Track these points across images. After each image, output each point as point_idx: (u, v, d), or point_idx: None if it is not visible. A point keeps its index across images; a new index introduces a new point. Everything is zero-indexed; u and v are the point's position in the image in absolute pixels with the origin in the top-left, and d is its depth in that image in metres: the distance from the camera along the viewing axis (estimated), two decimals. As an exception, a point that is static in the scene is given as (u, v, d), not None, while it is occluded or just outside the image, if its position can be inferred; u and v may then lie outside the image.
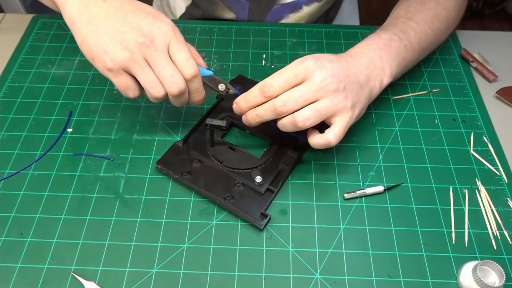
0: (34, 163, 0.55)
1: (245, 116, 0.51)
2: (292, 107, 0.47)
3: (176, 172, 0.53)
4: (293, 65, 0.48)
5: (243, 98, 0.50)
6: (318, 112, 0.47)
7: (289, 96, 0.47)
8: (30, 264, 0.47)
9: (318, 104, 0.47)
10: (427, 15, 0.59)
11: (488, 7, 1.87)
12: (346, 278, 0.46)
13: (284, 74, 0.47)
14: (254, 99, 0.49)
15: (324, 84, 0.46)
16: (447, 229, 0.50)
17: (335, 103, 0.47)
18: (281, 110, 0.47)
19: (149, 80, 0.47)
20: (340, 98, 0.47)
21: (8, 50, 0.68)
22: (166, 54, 0.47)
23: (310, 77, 0.47)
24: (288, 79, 0.47)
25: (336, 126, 0.48)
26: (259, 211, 0.50)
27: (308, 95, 0.46)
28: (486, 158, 0.56)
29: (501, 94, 0.63)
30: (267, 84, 0.48)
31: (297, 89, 0.47)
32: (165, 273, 0.47)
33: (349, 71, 0.49)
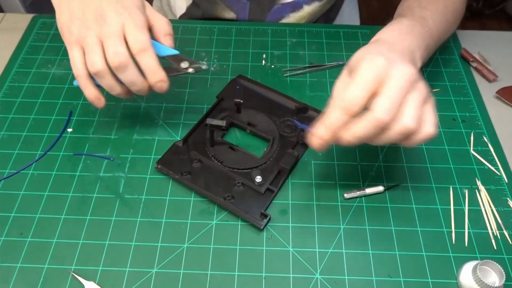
0: (34, 163, 0.55)
1: (317, 142, 0.44)
2: (395, 112, 0.40)
3: (176, 172, 0.53)
4: (365, 69, 0.41)
5: (323, 127, 0.43)
6: (419, 107, 0.41)
7: (388, 101, 0.40)
8: (30, 264, 0.47)
9: (413, 98, 0.41)
10: (437, 7, 0.58)
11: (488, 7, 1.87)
12: (346, 278, 0.46)
13: (362, 82, 0.41)
14: (338, 122, 0.42)
15: (409, 76, 0.41)
16: (447, 229, 0.50)
17: (424, 93, 0.42)
18: (387, 120, 0.40)
19: (92, 57, 0.46)
20: (423, 86, 0.42)
21: (8, 50, 0.68)
22: (115, 30, 0.46)
23: (390, 75, 0.41)
24: (369, 86, 0.40)
25: (429, 113, 0.42)
26: (259, 211, 0.50)
27: (402, 93, 0.40)
28: (486, 158, 0.56)
29: (501, 94, 0.63)
30: (349, 99, 0.41)
31: (389, 91, 0.40)
32: (165, 273, 0.47)
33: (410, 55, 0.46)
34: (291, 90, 0.63)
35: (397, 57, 0.43)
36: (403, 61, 0.42)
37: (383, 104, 0.40)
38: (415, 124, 0.40)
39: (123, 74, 0.47)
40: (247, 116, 0.59)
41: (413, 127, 0.40)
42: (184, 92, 0.62)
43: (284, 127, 0.58)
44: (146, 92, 0.50)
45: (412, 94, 0.41)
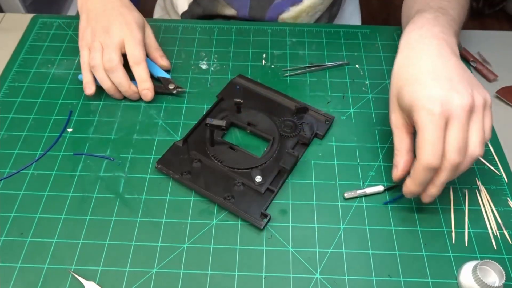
0: (34, 163, 0.55)
1: (425, 195, 0.47)
2: (464, 151, 0.43)
3: (176, 172, 0.53)
4: (428, 123, 0.42)
5: (413, 184, 0.46)
6: (481, 129, 0.44)
7: (455, 144, 0.42)
8: (30, 264, 0.47)
9: (475, 126, 0.43)
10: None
11: (488, 6, 1.87)
12: (346, 278, 0.46)
13: (430, 135, 0.42)
14: (426, 178, 0.44)
15: (461, 110, 0.42)
16: (447, 229, 0.50)
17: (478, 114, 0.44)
18: (459, 161, 0.43)
19: (93, 55, 0.58)
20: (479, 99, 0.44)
21: (8, 50, 0.68)
22: (115, 42, 0.58)
23: (452, 114, 0.42)
24: (438, 139, 0.42)
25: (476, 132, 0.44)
26: (259, 211, 0.50)
27: (464, 129, 0.43)
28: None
29: (501, 94, 0.63)
30: (426, 153, 0.42)
31: (453, 134, 0.42)
32: (165, 273, 0.47)
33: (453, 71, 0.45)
34: (291, 90, 0.63)
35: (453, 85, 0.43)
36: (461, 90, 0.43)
37: (452, 149, 0.42)
38: (482, 150, 0.44)
39: (112, 75, 0.59)
40: (247, 116, 0.59)
41: (481, 154, 0.44)
42: (184, 91, 0.62)
43: (284, 127, 0.58)
44: (133, 95, 0.61)
45: (474, 121, 0.43)
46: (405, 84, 0.46)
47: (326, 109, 0.61)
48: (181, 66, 0.66)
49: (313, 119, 0.59)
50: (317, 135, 0.58)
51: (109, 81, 0.59)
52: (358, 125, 0.59)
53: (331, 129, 0.59)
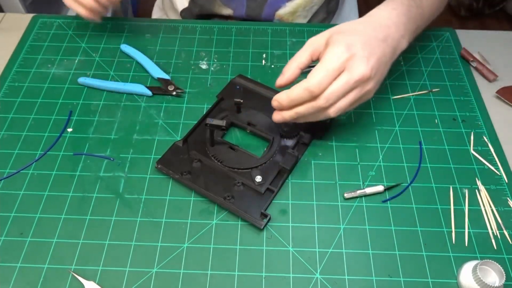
0: (34, 162, 0.55)
1: (279, 115, 0.52)
2: (334, 102, 0.49)
3: (176, 172, 0.53)
4: (333, 58, 0.48)
5: (286, 97, 0.50)
6: (350, 103, 0.50)
7: (331, 93, 0.48)
8: (30, 264, 0.47)
9: (350, 96, 0.49)
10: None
11: (488, 6, 1.87)
12: (346, 278, 0.46)
13: (328, 69, 0.48)
14: (300, 99, 0.49)
15: (361, 76, 0.48)
16: (447, 228, 0.50)
17: (364, 92, 0.50)
18: (325, 105, 0.49)
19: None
20: (369, 87, 0.50)
21: (8, 50, 0.68)
22: None
23: (350, 69, 0.48)
24: (333, 74, 0.48)
25: (353, 106, 0.51)
26: (259, 211, 0.50)
27: (346, 88, 0.48)
28: (486, 158, 0.56)
29: (501, 93, 0.63)
30: (316, 84, 0.48)
31: (338, 83, 0.48)
32: (165, 272, 0.47)
33: (379, 50, 0.50)
34: (291, 90, 0.63)
35: (363, 54, 0.49)
36: (365, 59, 0.48)
37: (327, 93, 0.48)
38: (335, 115, 0.50)
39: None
40: (247, 116, 0.59)
41: (332, 116, 0.50)
42: (184, 92, 0.62)
43: (284, 127, 0.58)
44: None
45: (354, 91, 0.49)
46: (342, 32, 0.51)
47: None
48: (181, 66, 0.66)
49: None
50: (317, 135, 0.58)
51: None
52: (358, 125, 0.59)
53: (331, 129, 0.59)
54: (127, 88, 0.62)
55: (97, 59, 0.67)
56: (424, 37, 0.70)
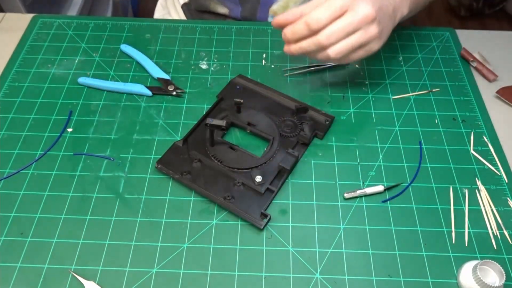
0: (34, 162, 0.55)
1: (287, 47, 0.54)
2: (335, 40, 0.50)
3: (176, 172, 0.53)
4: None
5: (290, 30, 0.52)
6: (351, 46, 0.51)
7: (333, 31, 0.49)
8: (30, 264, 0.47)
9: (353, 38, 0.50)
10: None
11: (488, 6, 1.87)
12: (346, 278, 0.46)
13: (328, 7, 0.49)
14: (300, 33, 0.51)
15: (365, 16, 0.49)
16: (447, 228, 0.50)
17: (368, 36, 0.51)
18: (325, 43, 0.50)
19: None
20: (373, 31, 0.51)
21: (8, 50, 0.68)
22: None
23: (353, 9, 0.49)
24: (333, 13, 0.49)
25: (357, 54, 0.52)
26: (259, 211, 0.50)
27: (349, 29, 0.50)
28: (486, 158, 0.56)
29: (501, 93, 0.63)
30: (314, 18, 0.49)
31: (340, 22, 0.49)
32: (165, 273, 0.47)
33: (382, 3, 0.52)
34: (291, 90, 0.63)
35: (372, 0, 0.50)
36: (369, 2, 0.50)
37: (328, 30, 0.50)
38: (335, 57, 0.51)
39: None
40: (247, 116, 0.59)
41: (332, 58, 0.52)
42: (184, 92, 0.62)
43: (284, 127, 0.58)
44: None
45: (357, 33, 0.50)
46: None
47: (326, 109, 0.61)
48: (181, 66, 0.66)
49: (313, 119, 0.59)
50: (317, 135, 0.58)
51: None
52: (358, 125, 0.59)
53: (331, 129, 0.59)
54: (127, 88, 0.62)
55: (97, 59, 0.67)
56: (424, 37, 0.70)
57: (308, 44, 0.52)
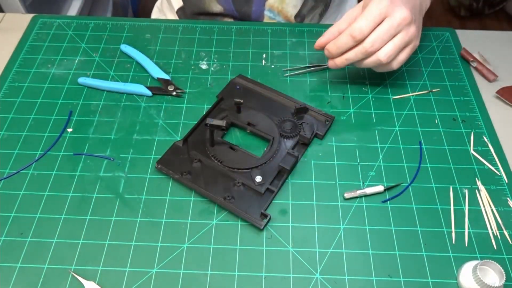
0: (34, 163, 0.55)
1: (333, 62, 0.58)
2: (380, 45, 0.53)
3: (176, 172, 0.53)
4: (373, 7, 0.53)
5: (334, 45, 0.56)
6: (398, 47, 0.54)
7: (376, 37, 0.53)
8: (30, 264, 0.47)
9: (396, 40, 0.54)
10: None
11: (488, 6, 1.87)
12: (346, 278, 0.46)
13: (367, 17, 0.53)
14: (345, 45, 0.55)
15: (402, 19, 0.53)
16: (447, 229, 0.50)
17: (410, 35, 0.54)
18: (371, 50, 0.54)
19: None
20: (413, 30, 0.54)
21: (8, 50, 0.68)
22: None
23: (391, 14, 0.53)
24: (374, 20, 0.53)
25: (404, 53, 0.56)
26: (259, 211, 0.50)
27: (391, 32, 0.53)
28: (486, 158, 0.56)
29: (501, 93, 0.63)
30: (357, 29, 0.53)
31: (381, 28, 0.53)
32: (165, 273, 0.47)
33: (413, 2, 0.56)
34: (291, 90, 0.63)
35: (401, 2, 0.53)
36: (403, 6, 0.53)
37: (371, 37, 0.53)
38: (386, 59, 0.54)
39: None
40: (247, 116, 0.59)
41: (384, 61, 0.55)
42: (184, 92, 0.62)
43: (284, 127, 0.58)
44: None
45: (399, 35, 0.53)
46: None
47: (326, 109, 0.61)
48: (181, 66, 0.66)
49: (313, 119, 0.59)
50: (317, 135, 0.58)
51: None
52: (358, 125, 0.60)
53: (331, 129, 0.59)
54: (127, 88, 0.62)
55: (97, 59, 0.67)
56: (424, 37, 0.70)
57: (355, 54, 0.55)
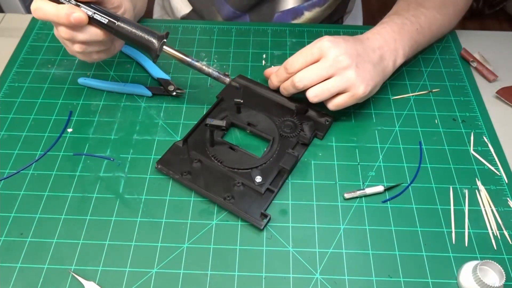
0: (34, 163, 0.55)
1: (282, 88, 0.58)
2: (308, 82, 0.53)
3: (176, 172, 0.53)
4: (310, 44, 0.54)
5: (274, 75, 0.58)
6: (327, 90, 0.53)
7: (305, 73, 0.53)
8: (30, 264, 0.47)
9: (328, 82, 0.53)
10: (435, 1, 0.63)
11: (488, 7, 1.87)
12: (346, 278, 0.46)
13: (303, 53, 0.54)
14: (280, 75, 0.57)
15: (336, 61, 0.52)
16: (447, 229, 0.50)
17: (345, 80, 0.52)
18: (299, 85, 0.54)
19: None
20: (350, 75, 0.52)
21: (8, 50, 0.68)
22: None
23: (325, 55, 0.52)
24: (305, 57, 0.53)
25: (341, 97, 0.54)
26: (259, 211, 0.50)
27: (322, 72, 0.52)
28: (486, 158, 0.56)
29: (501, 94, 0.63)
30: (289, 62, 0.54)
31: (313, 66, 0.53)
32: (165, 273, 0.47)
33: (363, 51, 0.54)
34: (291, 90, 0.63)
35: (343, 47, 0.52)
36: (344, 50, 0.52)
37: (301, 73, 0.53)
38: (313, 99, 0.54)
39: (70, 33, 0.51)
40: (247, 116, 0.59)
41: (312, 100, 0.54)
42: (184, 92, 0.62)
43: (284, 127, 0.58)
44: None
45: (333, 79, 0.53)
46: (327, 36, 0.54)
47: (326, 109, 0.61)
48: (181, 67, 0.66)
49: (313, 119, 0.59)
50: (317, 135, 0.58)
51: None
52: (358, 125, 0.60)
53: (331, 129, 0.59)
54: (127, 88, 0.62)
55: (97, 59, 0.67)
56: (424, 37, 0.70)
57: (287, 86, 0.56)
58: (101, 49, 0.54)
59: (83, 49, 0.52)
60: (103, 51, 0.54)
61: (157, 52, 0.51)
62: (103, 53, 0.55)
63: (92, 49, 0.53)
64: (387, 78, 0.57)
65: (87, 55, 0.54)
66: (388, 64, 0.56)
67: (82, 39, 0.50)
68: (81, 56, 0.54)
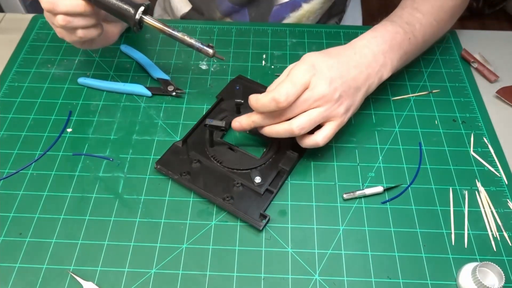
0: (33, 163, 0.55)
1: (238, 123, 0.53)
2: (291, 115, 0.49)
3: (176, 173, 0.53)
4: (296, 72, 0.49)
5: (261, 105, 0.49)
6: (313, 121, 0.49)
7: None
8: (29, 264, 0.47)
9: (312, 113, 0.49)
10: (433, 5, 0.59)
11: (488, 6, 1.87)
12: (345, 279, 0.46)
13: (296, 84, 0.48)
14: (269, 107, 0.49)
15: (321, 96, 0.49)
16: (446, 230, 0.50)
17: (329, 112, 0.50)
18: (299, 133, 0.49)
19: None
20: (334, 106, 0.50)
21: (8, 50, 0.68)
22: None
23: (310, 87, 0.49)
24: (299, 89, 0.48)
25: (327, 128, 0.51)
26: (258, 212, 0.50)
27: (304, 106, 0.49)
28: (486, 159, 0.56)
29: (501, 93, 0.63)
30: (282, 94, 0.47)
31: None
32: (164, 273, 0.46)
33: (348, 75, 0.51)
34: (291, 91, 0.63)
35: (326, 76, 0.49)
36: (327, 81, 0.49)
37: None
38: (299, 131, 0.49)
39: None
40: (246, 116, 0.59)
41: (296, 132, 0.49)
42: (183, 92, 0.62)
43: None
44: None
45: (317, 109, 0.49)
46: (312, 53, 0.52)
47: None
48: (181, 67, 0.66)
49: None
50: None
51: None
52: (357, 125, 0.59)
53: (331, 130, 0.59)
54: (126, 88, 0.62)
55: (97, 59, 0.67)
56: (424, 38, 0.70)
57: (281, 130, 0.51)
58: (86, 25, 0.52)
59: (66, 21, 0.51)
60: (89, 28, 0.53)
61: (135, 19, 0.51)
62: (89, 31, 0.53)
63: (77, 23, 0.51)
64: (369, 93, 0.54)
65: (73, 32, 0.53)
66: (374, 82, 0.53)
67: (62, 9, 0.50)
68: (68, 35, 0.53)
